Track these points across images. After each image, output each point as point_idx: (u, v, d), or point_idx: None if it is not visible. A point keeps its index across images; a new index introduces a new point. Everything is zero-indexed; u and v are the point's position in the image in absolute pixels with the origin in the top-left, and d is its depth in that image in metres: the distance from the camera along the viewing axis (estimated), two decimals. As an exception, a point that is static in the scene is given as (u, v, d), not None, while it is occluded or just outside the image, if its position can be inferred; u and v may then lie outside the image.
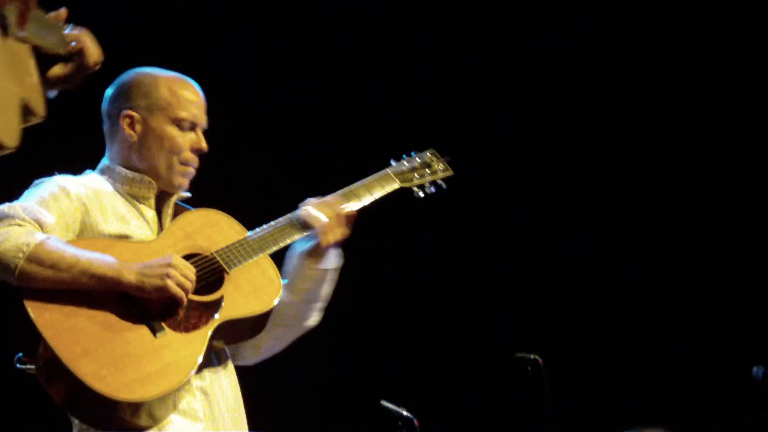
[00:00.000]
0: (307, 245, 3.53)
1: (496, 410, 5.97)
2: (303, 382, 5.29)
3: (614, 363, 6.15)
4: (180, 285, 3.14)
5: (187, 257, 3.25)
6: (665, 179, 6.38)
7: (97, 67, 2.75)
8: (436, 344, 6.13)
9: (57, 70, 2.65)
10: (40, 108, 2.25)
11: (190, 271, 3.19)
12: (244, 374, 3.49)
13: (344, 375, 5.90)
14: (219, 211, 3.46)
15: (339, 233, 3.51)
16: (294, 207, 3.52)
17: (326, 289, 3.60)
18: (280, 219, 3.49)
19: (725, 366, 5.96)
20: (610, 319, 6.27)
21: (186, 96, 3.33)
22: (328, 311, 3.71)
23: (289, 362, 3.88)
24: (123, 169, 3.29)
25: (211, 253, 3.32)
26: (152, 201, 3.38)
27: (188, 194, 3.44)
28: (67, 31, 2.71)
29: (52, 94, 2.70)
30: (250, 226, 3.47)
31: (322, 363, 5.43)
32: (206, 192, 3.47)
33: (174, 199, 3.40)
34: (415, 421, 4.46)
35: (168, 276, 3.12)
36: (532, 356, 4.65)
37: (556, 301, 6.28)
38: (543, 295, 6.26)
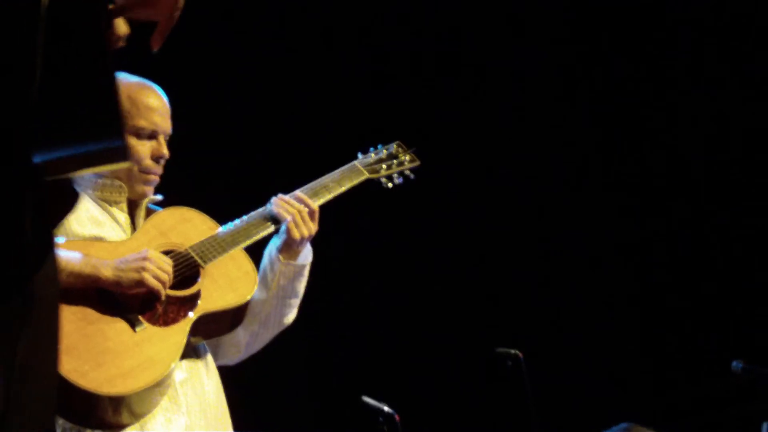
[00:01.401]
0: (278, 241, 3.55)
1: (476, 405, 5.95)
2: (283, 379, 5.24)
3: (595, 358, 6.18)
4: (157, 277, 3.15)
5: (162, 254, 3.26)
6: (650, 173, 6.43)
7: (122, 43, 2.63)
8: (416, 339, 6.11)
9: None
10: None
11: (167, 264, 3.20)
12: (224, 371, 3.51)
13: (325, 371, 5.87)
14: (191, 208, 3.47)
15: (308, 228, 3.53)
16: (265, 201, 3.53)
17: (301, 285, 3.61)
18: (252, 213, 3.50)
19: (706, 361, 5.98)
20: (591, 314, 6.29)
21: (146, 103, 3.32)
22: (310, 307, 3.71)
23: (270, 359, 3.88)
24: (92, 176, 3.29)
25: (186, 249, 3.33)
26: (124, 205, 3.38)
27: (160, 197, 3.45)
28: None
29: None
30: (222, 222, 3.48)
31: (303, 359, 5.38)
32: (177, 190, 3.50)
33: (145, 202, 3.41)
34: (396, 417, 4.46)
35: (144, 269, 3.14)
36: (512, 351, 4.69)
37: (538, 296, 6.29)
38: (524, 290, 6.27)
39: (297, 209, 3.52)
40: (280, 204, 3.51)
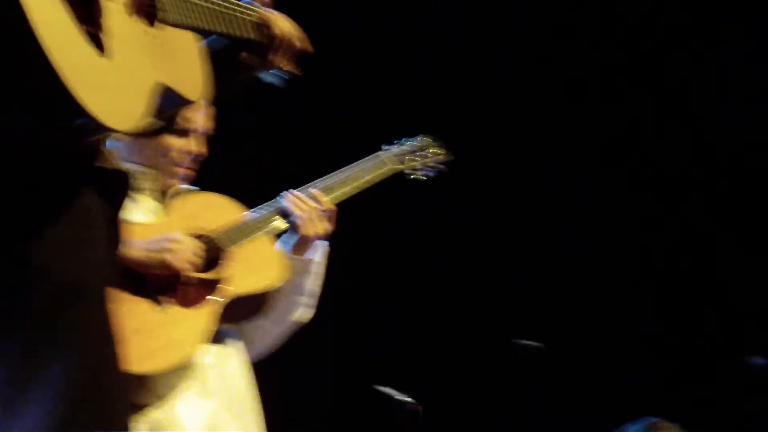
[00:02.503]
0: (291, 237, 3.59)
1: (496, 396, 5.98)
2: (306, 371, 5.34)
3: (612, 353, 6.24)
4: (185, 260, 3.21)
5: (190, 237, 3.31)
6: (662, 168, 6.49)
7: (299, 44, 2.75)
8: (438, 333, 6.17)
9: (249, 59, 2.70)
10: (192, 92, 2.29)
11: (195, 246, 3.27)
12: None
13: (348, 364, 5.95)
14: (219, 194, 3.52)
15: (320, 227, 3.56)
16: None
17: (311, 283, 3.65)
18: (266, 205, 3.56)
19: (719, 355, 6.05)
20: (606, 309, 6.34)
21: None
22: (332, 300, 3.75)
23: (292, 353, 3.95)
24: (124, 163, 3.36)
25: (213, 233, 3.38)
26: (155, 192, 3.42)
27: (195, 188, 3.51)
28: (259, 9, 2.76)
29: (270, 78, 2.79)
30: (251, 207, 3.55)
31: (325, 352, 5.52)
32: (208, 179, 3.54)
33: (172, 190, 3.46)
34: (419, 407, 4.55)
35: (172, 251, 3.18)
36: (533, 343, 4.80)
37: (557, 288, 6.35)
38: (543, 281, 6.33)
39: (310, 207, 3.56)
40: (292, 200, 3.56)
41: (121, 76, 2.05)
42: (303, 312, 3.67)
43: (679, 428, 4.59)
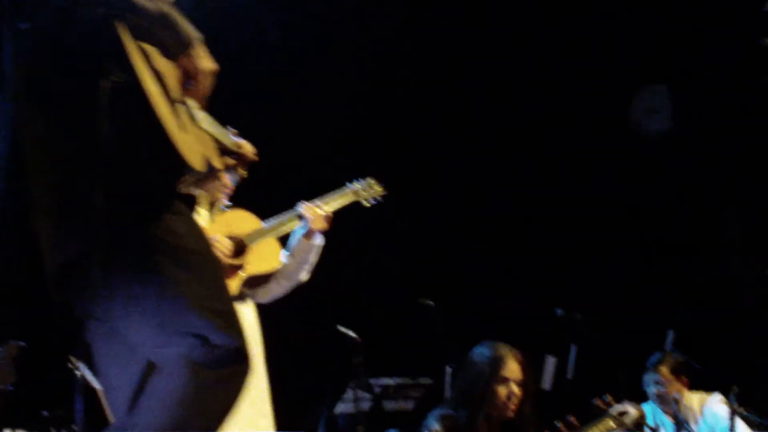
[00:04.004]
0: (303, 230, 4.72)
1: (409, 331, 7.02)
2: (284, 313, 5.40)
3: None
4: (222, 252, 4.37)
5: (226, 238, 4.49)
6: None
7: (255, 158, 3.55)
8: (373, 292, 7.13)
9: (228, 160, 3.42)
10: (216, 164, 3.06)
11: (228, 243, 4.45)
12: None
13: (315, 311, 6.92)
14: (245, 211, 4.67)
15: (321, 225, 4.73)
16: (290, 207, 4.74)
17: (313, 257, 4.76)
18: (286, 212, 4.67)
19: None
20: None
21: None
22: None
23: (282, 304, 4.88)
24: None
25: (240, 236, 4.54)
26: (207, 205, 4.52)
27: (228, 203, 4.63)
28: (233, 137, 3.51)
29: (233, 179, 3.76)
30: (263, 218, 4.66)
31: (301, 304, 5.59)
32: (237, 199, 4.64)
33: (218, 205, 4.58)
34: (359, 339, 5.58)
35: (215, 246, 4.26)
36: (429, 301, 5.74)
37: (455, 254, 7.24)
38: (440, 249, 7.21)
39: (316, 213, 4.70)
40: (306, 208, 4.73)
41: (192, 144, 2.87)
42: (305, 275, 4.78)
43: (510, 347, 5.11)
